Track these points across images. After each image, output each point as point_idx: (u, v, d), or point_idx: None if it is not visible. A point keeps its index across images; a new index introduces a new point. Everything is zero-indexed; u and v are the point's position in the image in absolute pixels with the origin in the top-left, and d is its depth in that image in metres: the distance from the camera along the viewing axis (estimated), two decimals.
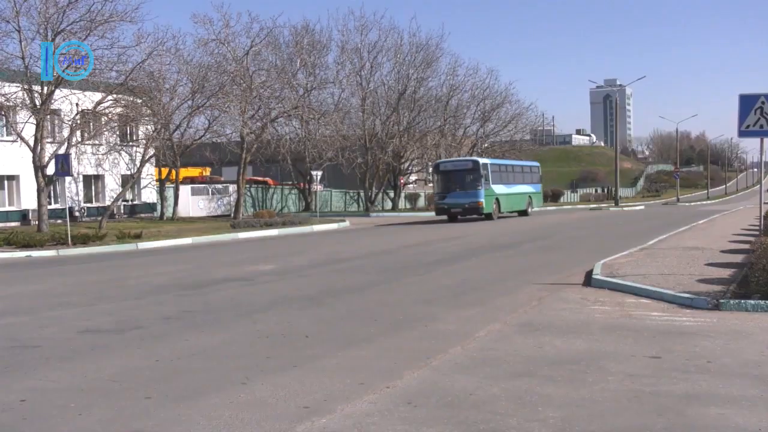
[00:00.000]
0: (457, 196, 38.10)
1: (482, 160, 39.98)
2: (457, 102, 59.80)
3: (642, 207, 59.27)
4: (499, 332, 8.96)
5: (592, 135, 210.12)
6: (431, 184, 67.73)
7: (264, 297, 12.65)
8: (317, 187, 44.76)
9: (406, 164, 59.37)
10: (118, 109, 34.32)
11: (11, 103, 30.85)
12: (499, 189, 39.79)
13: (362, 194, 57.34)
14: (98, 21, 29.89)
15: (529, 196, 44.80)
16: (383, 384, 6.59)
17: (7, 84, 29.84)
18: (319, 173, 41.88)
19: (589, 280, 13.19)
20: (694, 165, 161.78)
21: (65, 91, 31.56)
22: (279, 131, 48.56)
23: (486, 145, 65.45)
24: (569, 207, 67.15)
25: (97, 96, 32.70)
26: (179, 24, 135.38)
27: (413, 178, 64.54)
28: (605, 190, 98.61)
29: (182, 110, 40.18)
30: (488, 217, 38.29)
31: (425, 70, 56.09)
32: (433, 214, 42.00)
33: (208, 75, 38.95)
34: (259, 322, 10.02)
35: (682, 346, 7.97)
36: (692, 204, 68.17)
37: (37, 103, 30.08)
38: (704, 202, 74.01)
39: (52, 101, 31.02)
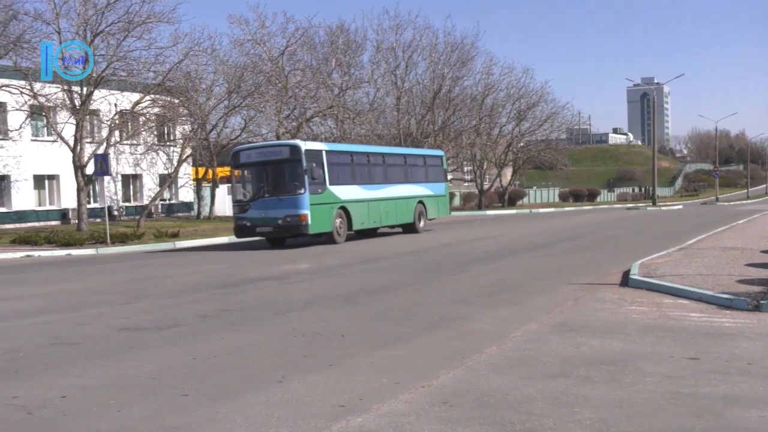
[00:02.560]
0: (266, 205, 23.71)
1: (308, 145, 24.68)
2: (493, 101, 59.52)
3: (680, 206, 58.52)
4: (535, 332, 8.90)
5: (629, 134, 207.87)
6: (466, 184, 68.10)
7: (299, 296, 12.71)
8: None
9: None
10: (156, 110, 34.74)
11: (52, 104, 31.35)
12: (347, 192, 25.58)
13: None
14: (136, 22, 30.33)
15: (420, 202, 29.89)
16: (419, 383, 6.59)
17: (47, 85, 30.33)
18: None
19: (626, 281, 13.05)
20: (733, 164, 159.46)
21: (104, 92, 32.04)
22: (314, 131, 48.71)
23: (522, 144, 65.14)
24: (606, 206, 66.54)
25: (135, 96, 33.13)
26: (215, 25, 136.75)
27: (448, 177, 64.34)
28: (642, 190, 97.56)
29: (218, 110, 40.58)
30: (329, 239, 24.67)
31: (460, 69, 55.90)
32: (468, 212, 39.12)
33: (244, 75, 39.27)
34: (294, 321, 10.07)
35: (721, 348, 7.86)
36: (731, 203, 67.14)
37: (77, 103, 30.54)
38: (744, 202, 72.86)
39: (91, 102, 31.51)
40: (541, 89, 62.85)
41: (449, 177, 64.41)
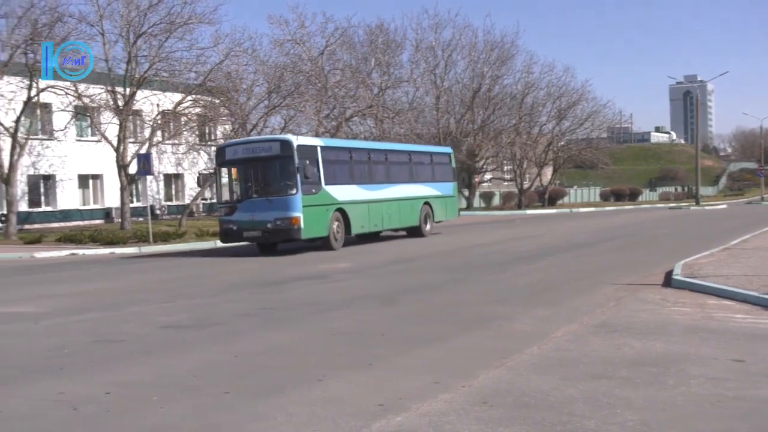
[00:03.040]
0: (254, 207, 21.63)
1: (300, 140, 22.36)
2: (533, 100, 59.20)
3: (724, 206, 57.64)
4: (576, 333, 8.83)
5: (672, 132, 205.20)
6: (506, 183, 67.74)
7: (339, 295, 12.76)
8: None
9: (481, 163, 59.05)
10: (197, 110, 35.09)
11: (96, 105, 31.83)
12: (345, 192, 23.36)
13: None
14: (178, 23, 30.67)
15: (426, 204, 27.66)
16: (458, 383, 6.56)
17: (91, 86, 30.81)
18: None
19: (668, 281, 12.88)
20: None
21: (146, 92, 32.43)
22: (354, 130, 48.82)
23: (562, 143, 64.66)
24: (647, 206, 65.76)
25: (177, 97, 33.51)
26: (256, 25, 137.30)
27: (488, 176, 64.15)
28: (685, 189, 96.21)
29: (259, 110, 40.75)
30: (325, 244, 22.37)
31: (500, 67, 55.71)
32: (508, 212, 37.47)
33: (284, 75, 39.41)
34: (334, 320, 10.11)
35: (767, 350, 7.72)
36: None
37: (120, 104, 30.96)
38: None
39: (134, 102, 31.92)
40: (582, 88, 62.34)
41: (488, 176, 64.73)
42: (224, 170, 23.03)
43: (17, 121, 29.54)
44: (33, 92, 29.42)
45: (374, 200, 24.75)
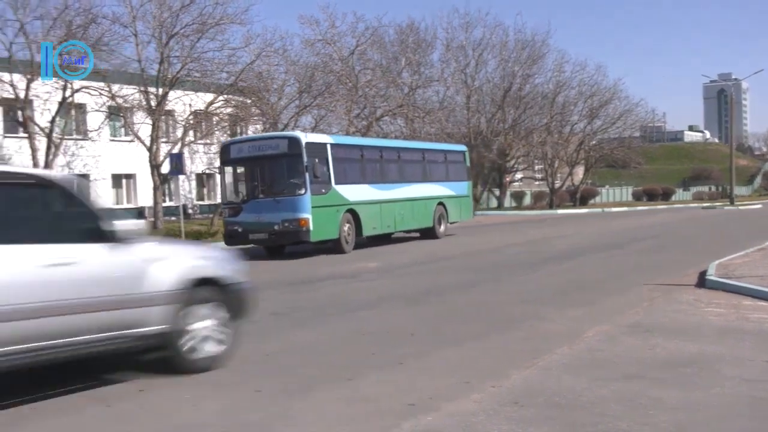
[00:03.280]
0: (260, 208, 20.64)
1: (309, 137, 21.49)
2: (564, 99, 58.78)
3: (759, 206, 56.84)
4: (608, 333, 8.75)
5: (706, 131, 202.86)
6: (537, 183, 67.34)
7: (368, 294, 12.77)
8: None
9: (512, 162, 58.78)
10: (229, 109, 35.25)
11: (129, 105, 32.15)
12: (357, 192, 22.38)
13: None
14: (209, 24, 30.85)
15: (440, 204, 26.52)
16: (489, 383, 6.54)
17: (125, 86, 31.12)
18: None
19: (702, 281, 12.73)
20: None
21: (179, 93, 32.66)
22: (384, 130, 48.82)
23: (594, 142, 64.17)
24: (681, 205, 65.09)
25: (209, 97, 33.70)
26: (286, 25, 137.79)
27: (519, 176, 63.85)
28: (719, 189, 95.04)
29: (290, 110, 40.88)
30: (335, 246, 21.36)
31: (531, 66, 55.40)
32: (539, 212, 36.64)
33: (315, 75, 39.50)
34: (364, 320, 10.12)
35: None
36: None
37: (153, 104, 31.23)
38: None
39: (167, 102, 32.16)
40: (614, 86, 61.59)
41: (519, 176, 64.38)
42: (229, 169, 22.34)
43: (52, 121, 29.93)
44: (68, 93, 29.79)
45: (387, 200, 23.60)
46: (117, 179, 39.38)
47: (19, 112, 29.98)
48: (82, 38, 28.25)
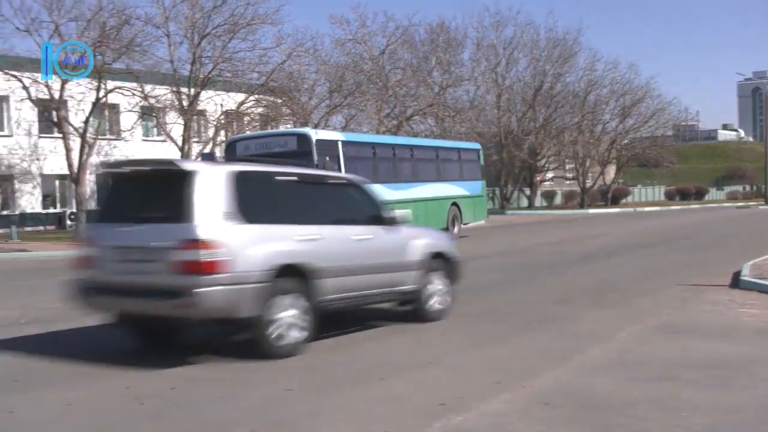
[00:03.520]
0: None
1: (320, 134, 21.20)
2: (596, 98, 58.35)
3: None
4: (640, 334, 8.69)
5: (740, 130, 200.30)
6: (568, 182, 66.82)
7: None
8: None
9: (543, 161, 58.48)
10: (260, 109, 35.45)
11: (161, 105, 32.44)
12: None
13: (497, 192, 56.63)
14: (241, 24, 31.05)
15: (454, 204, 25.71)
16: (520, 383, 6.52)
17: (157, 87, 31.41)
18: None
19: (736, 282, 12.59)
20: None
21: (210, 93, 32.89)
22: (414, 129, 48.81)
23: (626, 141, 63.62)
24: (714, 205, 64.32)
25: (240, 97, 33.91)
26: (317, 25, 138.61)
27: (550, 175, 63.50)
28: (753, 188, 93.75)
29: (320, 109, 41.04)
30: None
31: (562, 65, 55.13)
32: (570, 211, 35.49)
33: (345, 74, 39.59)
34: None
35: None
36: None
37: (185, 104, 31.48)
38: None
39: (198, 102, 32.41)
40: (647, 85, 60.92)
41: (550, 175, 63.96)
42: None
43: (86, 121, 30.29)
44: (101, 93, 30.13)
45: (400, 201, 20.98)
46: None
47: (54, 113, 30.34)
48: (116, 39, 28.57)
